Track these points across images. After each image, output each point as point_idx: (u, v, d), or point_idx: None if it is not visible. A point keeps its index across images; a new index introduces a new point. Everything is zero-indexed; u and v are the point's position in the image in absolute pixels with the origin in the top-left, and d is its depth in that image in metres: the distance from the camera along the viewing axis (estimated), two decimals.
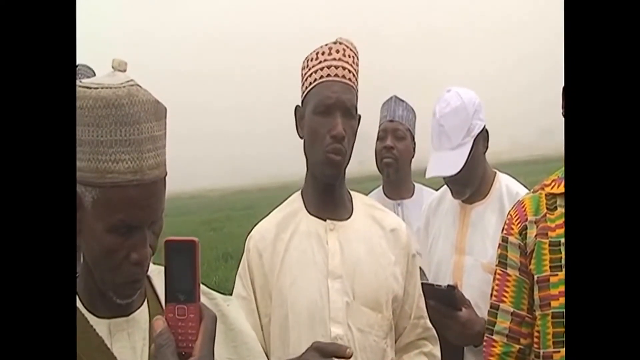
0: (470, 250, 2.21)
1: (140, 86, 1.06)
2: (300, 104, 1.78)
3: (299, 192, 1.84)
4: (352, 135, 1.73)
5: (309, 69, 1.74)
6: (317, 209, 1.77)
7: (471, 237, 2.22)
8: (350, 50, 1.74)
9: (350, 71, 1.72)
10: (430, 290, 2.08)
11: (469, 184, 2.22)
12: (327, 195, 1.77)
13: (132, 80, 1.06)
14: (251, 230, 1.82)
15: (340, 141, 1.68)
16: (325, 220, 1.76)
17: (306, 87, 1.74)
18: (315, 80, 1.71)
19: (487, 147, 2.27)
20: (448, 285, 2.06)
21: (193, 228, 17.19)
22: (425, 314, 1.87)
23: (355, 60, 1.76)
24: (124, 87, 1.03)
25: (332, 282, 1.69)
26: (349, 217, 1.79)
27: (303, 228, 1.75)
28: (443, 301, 2.04)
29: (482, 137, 2.22)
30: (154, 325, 0.92)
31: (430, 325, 1.87)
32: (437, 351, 1.87)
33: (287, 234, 1.75)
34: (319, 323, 1.66)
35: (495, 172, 2.32)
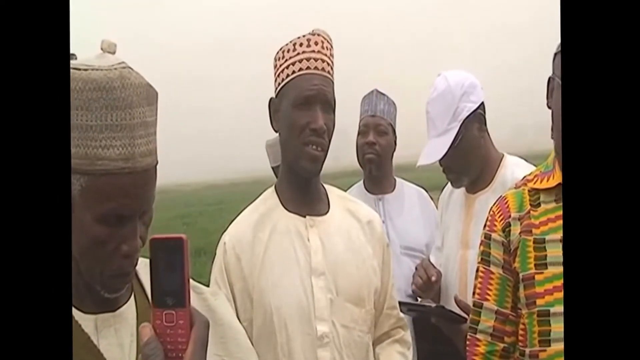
0: (474, 243, 2.01)
1: (132, 69, 1.00)
2: (274, 97, 1.72)
3: (272, 188, 1.79)
4: (332, 129, 1.69)
5: (286, 60, 1.68)
6: (294, 205, 1.73)
7: (475, 229, 2.06)
8: (328, 42, 1.71)
9: (328, 64, 1.69)
10: (423, 310, 2.06)
11: (464, 171, 2.14)
12: (305, 191, 1.73)
13: (123, 62, 1.00)
14: (224, 232, 1.75)
15: (321, 135, 1.64)
16: (304, 216, 1.72)
17: (283, 79, 1.69)
18: (294, 72, 1.66)
19: (484, 130, 2.15)
20: (436, 306, 2.04)
21: (165, 223, 17.02)
22: (397, 304, 1.87)
23: (332, 52, 1.72)
24: (115, 69, 0.98)
25: (316, 280, 1.66)
26: (327, 212, 1.75)
27: (282, 226, 1.70)
28: (443, 317, 2.03)
29: (476, 120, 2.13)
30: (140, 333, 0.85)
31: (402, 315, 1.88)
32: (408, 337, 1.87)
33: (266, 233, 1.70)
34: (306, 322, 1.63)
35: (503, 156, 2.20)
